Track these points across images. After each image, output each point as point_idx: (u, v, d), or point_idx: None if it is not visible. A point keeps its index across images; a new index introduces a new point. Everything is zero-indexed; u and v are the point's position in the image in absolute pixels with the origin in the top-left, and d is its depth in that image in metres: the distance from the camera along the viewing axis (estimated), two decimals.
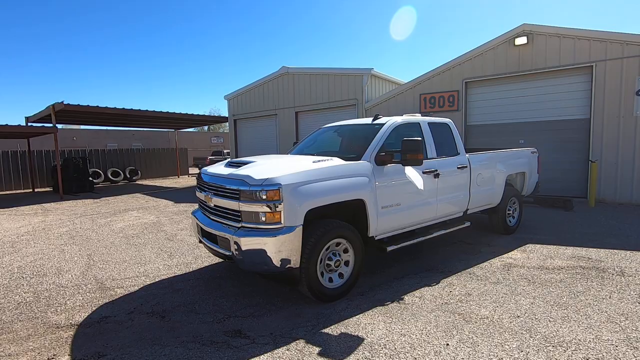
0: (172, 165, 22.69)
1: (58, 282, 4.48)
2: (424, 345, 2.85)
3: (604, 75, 8.61)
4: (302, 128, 14.62)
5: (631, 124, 8.42)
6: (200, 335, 3.12)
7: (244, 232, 3.40)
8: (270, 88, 15.46)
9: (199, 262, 5.08)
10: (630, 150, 8.46)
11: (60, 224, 8.21)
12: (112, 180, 19.16)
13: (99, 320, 3.45)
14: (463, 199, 5.14)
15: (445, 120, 5.32)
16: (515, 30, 9.59)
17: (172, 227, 7.46)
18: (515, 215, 6.28)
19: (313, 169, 3.59)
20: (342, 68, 13.20)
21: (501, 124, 10.21)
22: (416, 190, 4.36)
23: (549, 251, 5.16)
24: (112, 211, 9.75)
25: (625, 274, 4.23)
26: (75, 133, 33.26)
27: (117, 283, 4.41)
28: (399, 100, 11.86)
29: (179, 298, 3.90)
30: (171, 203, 10.94)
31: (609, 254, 4.94)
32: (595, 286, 3.90)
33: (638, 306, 3.42)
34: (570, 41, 8.90)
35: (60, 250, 5.93)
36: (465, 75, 10.52)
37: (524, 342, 2.85)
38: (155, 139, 36.96)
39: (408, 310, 3.46)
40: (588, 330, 3.01)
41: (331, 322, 3.26)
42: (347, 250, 3.76)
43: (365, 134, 4.51)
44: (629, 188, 8.53)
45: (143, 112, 15.09)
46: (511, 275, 4.26)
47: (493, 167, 5.68)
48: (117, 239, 6.56)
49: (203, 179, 4.13)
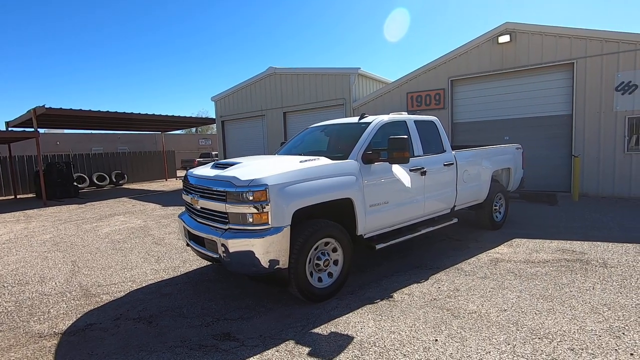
0: (160, 168, 22.37)
1: (41, 290, 4.37)
2: (413, 342, 2.87)
3: (585, 71, 8.81)
4: (291, 128, 14.58)
5: (611, 120, 8.64)
6: (188, 339, 3.08)
7: (232, 234, 3.36)
8: (257, 89, 15.38)
9: (187, 266, 5.01)
10: (611, 145, 8.68)
11: (44, 230, 8.02)
12: (97, 184, 18.79)
13: (84, 328, 3.38)
14: (450, 196, 5.19)
15: (431, 118, 5.37)
16: (498, 29, 9.74)
17: (160, 231, 7.35)
18: (502, 210, 6.37)
19: (300, 169, 3.57)
20: (329, 68, 13.21)
21: (486, 121, 10.36)
22: (403, 188, 4.38)
23: (535, 245, 5.25)
24: (97, 216, 9.56)
25: (607, 265, 4.34)
26: (59, 137, 32.49)
27: (103, 289, 4.32)
28: (386, 99, 11.93)
29: (167, 302, 3.85)
30: (159, 206, 10.79)
31: (592, 246, 5.05)
32: (579, 278, 3.98)
33: (620, 296, 3.50)
34: (552, 39, 9.09)
35: (43, 258, 5.78)
36: (451, 74, 10.64)
37: (510, 335, 2.89)
38: (142, 142, 36.38)
39: (397, 307, 3.47)
40: (573, 322, 3.07)
41: (321, 321, 3.25)
42: (336, 249, 3.76)
43: (352, 133, 4.52)
44: (610, 182, 8.74)
45: (128, 115, 14.85)
46: (498, 270, 4.32)
47: (479, 164, 5.76)
48: (102, 245, 6.43)
49: (189, 181, 4.08)
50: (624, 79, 8.40)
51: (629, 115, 8.44)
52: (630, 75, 8.33)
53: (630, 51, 8.27)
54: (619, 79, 8.46)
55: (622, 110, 8.50)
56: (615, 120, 8.59)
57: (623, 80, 8.41)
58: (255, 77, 15.31)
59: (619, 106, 8.52)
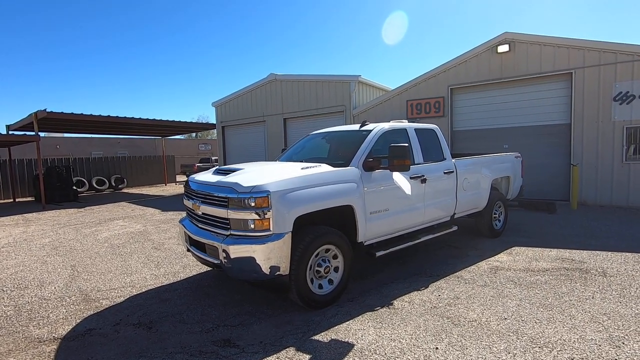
0: (159, 173, 22.37)
1: (40, 295, 4.36)
2: (414, 350, 2.87)
3: (583, 81, 8.90)
4: (291, 135, 14.64)
5: (609, 129, 8.71)
6: (188, 345, 3.07)
7: (233, 240, 3.37)
8: (258, 95, 15.47)
9: (187, 271, 5.00)
10: (609, 154, 8.74)
11: (43, 234, 8.00)
12: (97, 188, 18.77)
13: (84, 333, 3.37)
14: (450, 204, 5.21)
15: (432, 126, 5.41)
16: (497, 39, 9.86)
17: (159, 235, 7.35)
18: (501, 218, 6.39)
19: (301, 176, 3.60)
20: (329, 75, 13.31)
21: (486, 129, 10.43)
22: (404, 195, 4.41)
23: (534, 253, 5.26)
24: (96, 220, 9.54)
25: (607, 274, 4.35)
26: (59, 141, 32.50)
27: (103, 294, 4.31)
28: (386, 106, 12.01)
29: (167, 308, 3.84)
30: (158, 211, 10.78)
31: (591, 255, 5.07)
32: (578, 287, 3.99)
33: (620, 306, 3.51)
34: (550, 49, 9.20)
35: (42, 262, 5.76)
36: (451, 82, 10.73)
37: (511, 344, 2.89)
38: (142, 147, 36.41)
39: (398, 315, 3.47)
40: (573, 331, 3.07)
41: (321, 328, 3.25)
42: (337, 256, 3.76)
43: (353, 140, 4.55)
44: (608, 191, 8.79)
45: (129, 120, 14.89)
46: (498, 278, 4.33)
47: (478, 172, 5.79)
48: (102, 249, 6.42)
49: (191, 186, 4.10)
50: (621, 89, 8.49)
51: (627, 125, 8.52)
52: (628, 85, 8.42)
53: (628, 62, 8.37)
54: (617, 89, 8.55)
55: (620, 120, 8.58)
56: (614, 129, 8.66)
57: (621, 91, 8.50)
58: (256, 83, 15.40)
59: (617, 116, 8.59)
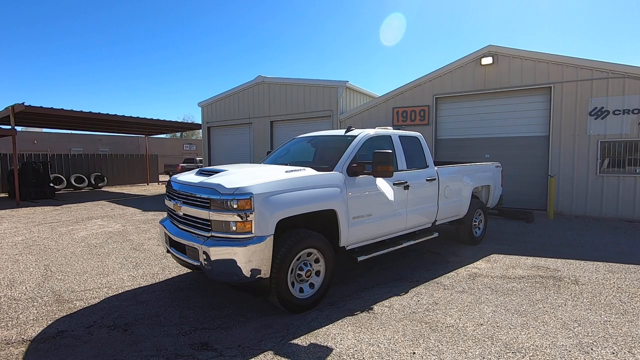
0: (142, 172, 21.90)
1: (10, 295, 4.19)
2: (392, 354, 2.89)
3: (561, 95, 9.24)
4: (277, 137, 14.61)
5: (585, 143, 9.05)
6: (164, 348, 3.01)
7: (214, 242, 3.34)
8: (245, 97, 15.39)
9: (166, 273, 4.91)
10: (584, 167, 9.07)
11: (16, 232, 7.71)
12: (75, 186, 18.23)
13: (55, 335, 3.25)
14: (432, 211, 5.30)
15: (416, 133, 5.51)
16: (481, 51, 10.13)
17: (139, 236, 7.19)
18: (481, 226, 6.54)
19: (285, 179, 3.60)
20: (317, 80, 13.38)
21: (468, 138, 10.68)
22: (387, 201, 4.46)
23: (511, 261, 5.40)
24: (74, 219, 9.26)
25: (579, 282, 4.50)
26: (37, 136, 31.44)
27: (77, 295, 4.18)
28: (372, 113, 12.14)
29: (143, 310, 3.75)
30: (139, 211, 10.55)
31: (565, 264, 5.24)
32: (552, 294, 4.12)
33: (590, 313, 3.64)
34: (531, 63, 9.51)
35: (14, 261, 5.55)
36: (436, 91, 10.96)
37: (486, 349, 2.96)
38: (124, 145, 35.61)
39: (377, 320, 3.50)
40: (545, 337, 3.16)
41: (301, 332, 3.24)
42: (318, 260, 3.77)
43: (338, 145, 4.59)
44: (583, 202, 9.11)
45: (110, 117, 14.55)
46: (476, 285, 4.42)
47: (460, 180, 5.92)
48: (78, 249, 6.23)
49: (172, 186, 4.04)
50: (597, 105, 8.85)
51: (601, 139, 8.87)
52: (602, 101, 8.78)
53: (603, 79, 8.74)
54: (592, 104, 8.90)
55: (595, 134, 8.92)
56: (589, 143, 9.00)
57: (596, 106, 8.86)
58: (244, 85, 15.34)
59: (593, 130, 8.94)
